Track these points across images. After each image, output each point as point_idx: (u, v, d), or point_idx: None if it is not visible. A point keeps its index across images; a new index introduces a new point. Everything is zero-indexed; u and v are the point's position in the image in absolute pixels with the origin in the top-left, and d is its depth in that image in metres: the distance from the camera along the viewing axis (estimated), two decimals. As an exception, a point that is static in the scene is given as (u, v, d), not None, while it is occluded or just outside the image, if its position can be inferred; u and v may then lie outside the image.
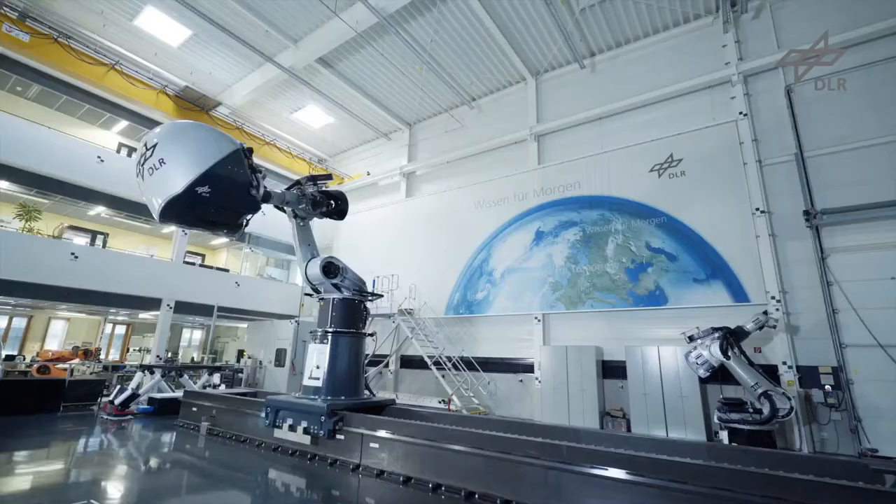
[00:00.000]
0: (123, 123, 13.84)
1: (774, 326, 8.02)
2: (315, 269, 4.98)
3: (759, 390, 7.38)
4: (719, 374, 8.40)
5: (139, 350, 16.74)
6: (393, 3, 10.54)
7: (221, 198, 4.02)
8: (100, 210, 13.65)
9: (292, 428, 4.50)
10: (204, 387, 10.43)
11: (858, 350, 7.98)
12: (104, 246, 15.15)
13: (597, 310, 10.86)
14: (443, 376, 11.86)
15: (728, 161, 9.87)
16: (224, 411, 7.70)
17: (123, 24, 11.71)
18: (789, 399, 7.30)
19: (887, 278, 7.97)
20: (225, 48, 12.64)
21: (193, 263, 15.44)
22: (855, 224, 8.35)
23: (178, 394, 10.04)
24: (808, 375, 8.38)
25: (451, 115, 14.89)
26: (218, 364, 12.62)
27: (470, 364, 12.20)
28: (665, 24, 11.34)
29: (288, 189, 5.12)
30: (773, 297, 8.79)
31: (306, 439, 4.36)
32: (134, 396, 9.36)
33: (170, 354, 15.07)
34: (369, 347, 5.17)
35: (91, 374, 13.12)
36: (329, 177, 5.51)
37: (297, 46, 12.46)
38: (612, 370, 10.39)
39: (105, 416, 9.25)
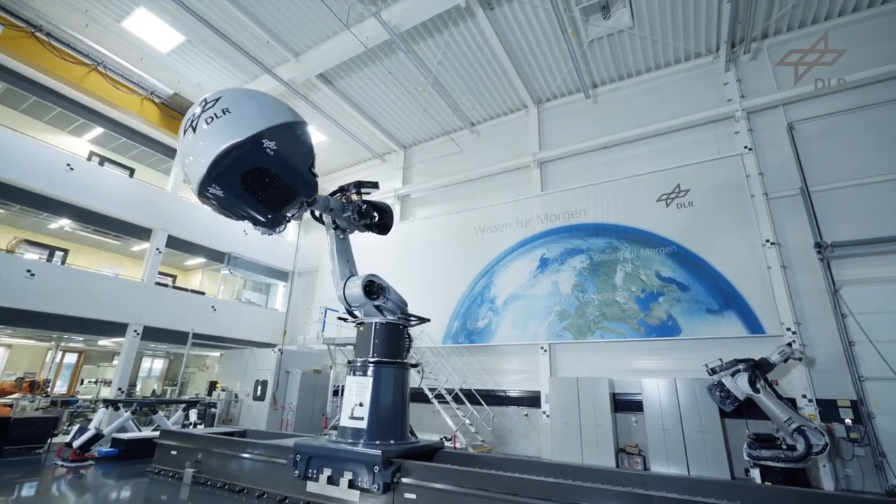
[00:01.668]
0: (97, 131, 12.72)
1: (801, 358, 7.91)
2: (356, 288, 4.32)
3: (793, 425, 7.14)
4: (743, 408, 8.17)
5: (95, 382, 14.91)
6: (406, 21, 10.34)
7: (283, 162, 3.34)
8: (63, 223, 12.30)
9: (332, 480, 3.72)
10: (184, 425, 9.18)
11: (878, 383, 7.96)
12: (63, 263, 13.63)
13: (607, 340, 10.53)
14: (443, 410, 11.07)
15: (736, 193, 10.02)
16: (213, 455, 6.66)
17: (109, 24, 10.88)
18: (823, 434, 7.09)
19: (899, 311, 8.10)
20: (219, 57, 11.99)
21: (166, 285, 14.12)
22: (865, 257, 8.51)
23: (148, 433, 8.76)
24: (826, 409, 8.26)
25: (451, 138, 14.68)
26: (195, 398, 11.29)
27: (471, 396, 11.49)
28: (667, 60, 11.69)
29: (331, 195, 4.52)
30: (788, 329, 8.75)
31: (352, 495, 3.57)
32: (97, 437, 8.05)
33: (128, 387, 13.49)
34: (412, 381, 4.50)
35: (37, 409, 11.44)
36: (376, 185, 4.93)
37: (298, 60, 11.99)
38: (623, 404, 9.99)
39: (59, 463, 7.86)
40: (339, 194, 4.74)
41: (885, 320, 8.09)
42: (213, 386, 14.06)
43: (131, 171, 14.11)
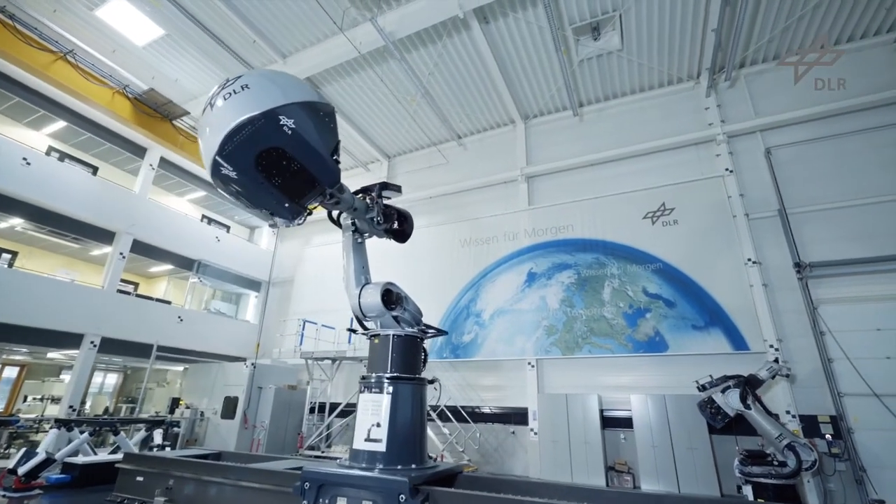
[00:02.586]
0: (59, 124, 11.74)
1: (788, 375, 8.10)
2: (374, 297, 3.98)
3: (784, 441, 7.23)
4: (733, 425, 8.25)
5: (41, 399, 13.50)
6: (401, 29, 10.20)
7: (301, 143, 2.97)
8: (14, 223, 11.20)
9: (348, 511, 3.36)
10: (150, 448, 8.33)
11: (856, 399, 8.26)
12: (10, 266, 12.38)
13: (595, 355, 10.51)
14: (429, 427, 10.66)
15: (718, 212, 10.34)
16: (188, 482, 6.01)
17: (81, 12, 10.15)
18: (812, 450, 7.23)
19: (873, 329, 8.49)
20: (200, 54, 11.42)
21: (128, 293, 13.08)
22: (841, 277, 8.91)
23: (107, 457, 7.89)
24: (808, 425, 8.48)
25: (437, 149, 14.56)
26: (158, 417, 10.33)
27: (456, 413, 11.15)
28: (651, 84, 12.09)
29: (354, 194, 4.21)
30: (770, 346, 8.99)
31: (372, 528, 3.22)
32: (48, 462, 7.16)
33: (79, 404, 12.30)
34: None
35: (-30, 430, 10.19)
36: (399, 189, 4.67)
37: (286, 62, 11.60)
38: (611, 420, 9.94)
39: (0, 492, 6.92)
40: (361, 195, 4.45)
41: (861, 338, 8.45)
42: (175, 403, 13.06)
43: (94, 170, 13.11)
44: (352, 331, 4.54)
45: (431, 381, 4.26)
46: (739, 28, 9.64)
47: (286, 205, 3.32)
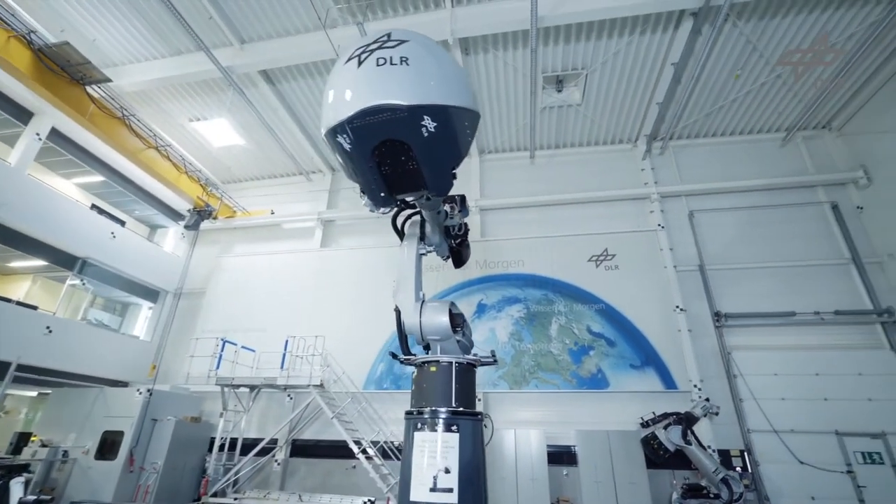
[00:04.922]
0: None
1: (717, 413, 9.02)
2: (441, 316, 3.42)
3: (720, 475, 7.97)
4: (670, 460, 8.87)
5: None
6: (384, 41, 9.84)
7: (432, 150, 2.52)
8: None
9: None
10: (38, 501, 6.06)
11: (761, 435, 9.53)
12: None
13: (542, 391, 10.67)
14: (369, 467, 9.67)
15: (652, 262, 11.50)
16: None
17: (-22, -70, 8.01)
18: (740, 483, 8.06)
19: (772, 374, 10.00)
20: (136, 17, 9.71)
21: (-23, 291, 9.98)
22: (751, 328, 10.42)
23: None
24: (723, 458, 9.49)
25: (390, 169, 14.08)
26: (20, 461, 7.62)
27: (393, 452, 10.33)
28: (598, 139, 13.30)
29: None
30: (695, 386, 10.03)
31: None
32: None
33: None
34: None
35: None
36: (468, 209, 4.22)
37: (243, 48, 10.41)
38: (555, 456, 10.04)
39: None
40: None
41: (765, 381, 9.88)
42: (23, 439, 10.12)
43: (-53, 128, 10.07)
44: (394, 356, 3.90)
45: (484, 417, 3.79)
46: (679, 104, 11.19)
47: (381, 194, 2.82)
